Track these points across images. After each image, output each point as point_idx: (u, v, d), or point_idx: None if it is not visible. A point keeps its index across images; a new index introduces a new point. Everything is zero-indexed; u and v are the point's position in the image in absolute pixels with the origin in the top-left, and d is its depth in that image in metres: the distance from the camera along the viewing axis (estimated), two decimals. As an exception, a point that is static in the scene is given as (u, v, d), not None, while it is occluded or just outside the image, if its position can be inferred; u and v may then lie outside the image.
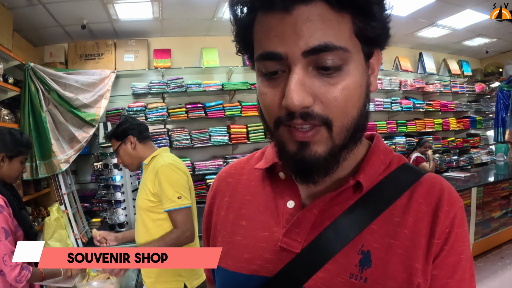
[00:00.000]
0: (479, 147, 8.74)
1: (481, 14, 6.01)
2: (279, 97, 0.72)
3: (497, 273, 5.30)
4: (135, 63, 5.64)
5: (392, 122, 7.32)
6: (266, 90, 0.75)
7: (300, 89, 0.68)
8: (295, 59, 0.68)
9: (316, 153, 0.74)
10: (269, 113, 0.76)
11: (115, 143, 2.83)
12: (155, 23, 5.54)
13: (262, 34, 0.72)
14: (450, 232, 0.77)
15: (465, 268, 0.78)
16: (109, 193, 4.45)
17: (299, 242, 0.82)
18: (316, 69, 0.69)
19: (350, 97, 0.71)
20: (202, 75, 6.12)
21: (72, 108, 4.71)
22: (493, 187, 6.15)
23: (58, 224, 4.42)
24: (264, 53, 0.72)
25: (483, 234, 6.00)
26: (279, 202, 0.89)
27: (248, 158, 1.08)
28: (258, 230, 0.89)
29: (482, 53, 8.65)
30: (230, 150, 6.29)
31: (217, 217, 1.01)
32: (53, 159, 4.57)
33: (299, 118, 0.70)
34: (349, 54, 0.70)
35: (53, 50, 5.46)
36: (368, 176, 0.83)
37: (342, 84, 0.70)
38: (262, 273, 0.84)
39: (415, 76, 7.82)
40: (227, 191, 1.03)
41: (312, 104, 0.69)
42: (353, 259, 0.77)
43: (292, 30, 0.67)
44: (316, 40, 0.66)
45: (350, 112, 0.73)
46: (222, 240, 0.95)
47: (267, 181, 0.95)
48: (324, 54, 0.67)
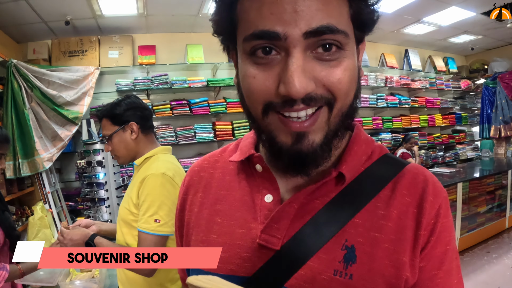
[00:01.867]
0: (464, 143, 8.83)
1: (466, 11, 6.06)
2: (272, 82, 0.67)
3: (484, 267, 5.33)
4: (120, 59, 5.59)
5: (378, 118, 7.37)
6: (255, 72, 0.69)
7: (302, 74, 0.64)
8: (295, 41, 0.64)
9: (314, 143, 0.70)
10: (256, 98, 0.71)
11: (110, 127, 2.22)
12: (140, 19, 5.49)
13: (255, 11, 0.66)
14: (436, 223, 0.75)
15: (452, 259, 0.77)
16: (92, 191, 4.41)
17: (278, 238, 0.77)
18: (314, 52, 0.66)
19: (351, 78, 0.70)
20: (187, 71, 6.11)
21: (55, 105, 4.67)
22: (478, 183, 6.20)
23: (43, 223, 4.38)
24: (258, 32, 0.66)
25: (469, 229, 6.06)
26: (256, 197, 0.84)
27: (222, 151, 1.03)
28: (234, 227, 0.84)
29: (468, 50, 8.72)
30: (215, 147, 6.20)
31: (190, 214, 0.95)
32: (36, 158, 4.54)
33: (301, 103, 0.67)
34: (348, 39, 0.68)
35: (37, 47, 5.39)
36: (351, 167, 0.79)
37: (344, 66, 0.67)
38: (240, 273, 0.79)
39: (400, 72, 7.86)
40: (200, 186, 0.97)
41: (314, 89, 0.66)
42: (336, 255, 0.73)
43: (292, 8, 0.63)
44: (319, 20, 0.63)
45: (350, 94, 0.71)
46: (196, 239, 0.90)
47: (243, 175, 0.89)
48: (326, 36, 0.64)
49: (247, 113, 0.78)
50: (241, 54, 0.73)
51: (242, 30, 0.70)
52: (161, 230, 1.94)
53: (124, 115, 2.20)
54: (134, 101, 2.28)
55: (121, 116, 2.20)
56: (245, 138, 0.93)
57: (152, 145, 2.28)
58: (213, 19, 0.78)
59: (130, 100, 2.27)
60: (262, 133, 0.76)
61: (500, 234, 6.57)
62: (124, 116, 2.20)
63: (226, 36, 0.79)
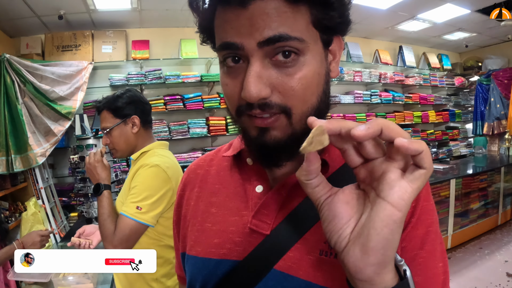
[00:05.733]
0: (458, 140, 8.83)
1: (461, 9, 6.07)
2: (239, 88, 0.73)
3: (476, 263, 5.38)
4: (113, 54, 5.56)
5: (371, 114, 7.37)
6: (227, 81, 0.78)
7: (258, 81, 0.70)
8: (251, 50, 0.70)
9: (276, 137, 0.76)
10: (231, 103, 0.79)
11: (111, 120, 2.21)
12: (134, 13, 5.45)
13: (220, 26, 0.75)
14: (415, 206, 0.78)
15: (434, 241, 0.78)
16: (85, 186, 4.40)
17: (268, 223, 0.83)
18: (273, 60, 0.72)
19: (307, 86, 0.74)
20: (181, 66, 6.09)
21: (48, 100, 4.64)
22: (471, 179, 6.24)
23: (36, 219, 4.36)
24: (223, 44, 0.74)
25: (462, 225, 6.12)
26: (248, 188, 0.91)
27: (217, 151, 1.09)
28: (228, 216, 0.90)
29: (462, 47, 8.71)
30: (209, 142, 6.27)
31: (187, 208, 1.01)
32: (29, 153, 4.50)
33: (257, 109, 0.73)
34: (305, 44, 0.72)
35: (30, 41, 5.35)
36: (334, 155, 0.85)
37: (299, 74, 0.72)
38: (232, 257, 0.85)
39: (394, 69, 7.86)
40: (196, 182, 1.03)
41: (270, 95, 0.72)
42: (322, 236, 0.74)
43: (249, 23, 0.69)
44: (271, 31, 0.68)
45: (309, 100, 0.75)
46: (193, 229, 0.95)
47: (235, 168, 0.96)
48: (279, 44, 0.69)
49: (230, 115, 0.85)
50: (219, 64, 0.81)
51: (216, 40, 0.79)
52: (140, 217, 1.97)
53: (126, 108, 2.21)
54: (135, 94, 2.30)
55: (123, 109, 2.21)
56: (238, 137, 0.97)
57: (150, 140, 2.31)
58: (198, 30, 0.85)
59: (131, 93, 2.28)
60: (240, 131, 0.84)
61: (492, 231, 6.63)
62: (126, 109, 2.21)
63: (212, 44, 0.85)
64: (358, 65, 7.21)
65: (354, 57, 7.16)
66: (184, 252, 0.96)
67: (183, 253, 0.98)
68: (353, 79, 6.96)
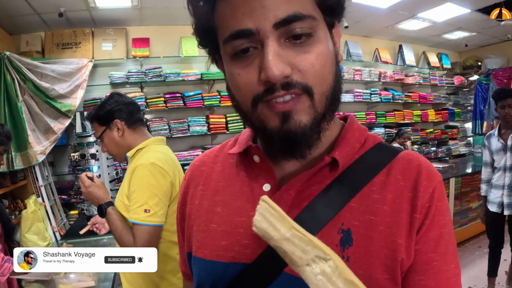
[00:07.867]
0: (457, 139, 8.86)
1: (461, 8, 6.09)
2: (255, 74, 0.72)
3: (475, 262, 5.40)
4: (113, 52, 5.56)
5: (371, 113, 7.38)
6: (239, 70, 0.74)
7: (278, 59, 0.68)
8: (267, 33, 0.69)
9: (301, 123, 0.73)
10: (245, 94, 0.75)
11: (98, 129, 2.30)
12: (134, 11, 5.45)
13: (228, 15, 0.72)
14: (430, 206, 0.77)
15: (448, 243, 0.78)
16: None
17: None
18: (288, 40, 0.71)
19: (325, 62, 0.73)
20: (181, 64, 6.08)
21: (48, 98, 4.64)
22: (470, 178, 6.28)
23: (36, 217, 4.34)
24: (234, 32, 0.71)
25: (461, 224, 6.16)
26: (255, 186, 0.87)
27: (222, 146, 1.06)
28: (234, 216, 0.87)
29: (462, 46, 8.73)
30: (209, 140, 6.28)
31: (191, 207, 0.98)
32: (29, 151, 4.50)
33: (281, 90, 0.70)
34: (317, 22, 0.72)
35: (30, 39, 5.33)
36: (344, 153, 0.81)
37: (316, 51, 0.72)
38: (240, 260, 0.82)
39: (394, 68, 7.88)
40: (200, 180, 1.00)
41: (291, 73, 0.70)
42: (333, 238, 0.75)
43: (259, 4, 0.68)
44: (285, 11, 0.68)
45: (327, 78, 0.75)
46: (197, 229, 0.92)
47: (241, 166, 0.93)
48: (295, 24, 0.69)
49: (239, 111, 0.81)
50: (225, 58, 0.78)
51: (221, 35, 0.76)
52: (151, 220, 1.97)
53: (107, 114, 2.27)
54: (116, 99, 2.33)
55: (105, 116, 2.27)
56: (243, 133, 0.96)
57: (143, 138, 2.32)
58: (194, 32, 0.84)
59: (112, 99, 2.33)
60: (255, 125, 0.80)
61: (491, 230, 6.61)
62: (107, 116, 2.27)
63: (210, 46, 0.84)
64: (358, 63, 7.22)
65: (354, 55, 7.17)
66: (190, 252, 0.94)
67: (189, 253, 0.95)
68: (353, 77, 6.98)
